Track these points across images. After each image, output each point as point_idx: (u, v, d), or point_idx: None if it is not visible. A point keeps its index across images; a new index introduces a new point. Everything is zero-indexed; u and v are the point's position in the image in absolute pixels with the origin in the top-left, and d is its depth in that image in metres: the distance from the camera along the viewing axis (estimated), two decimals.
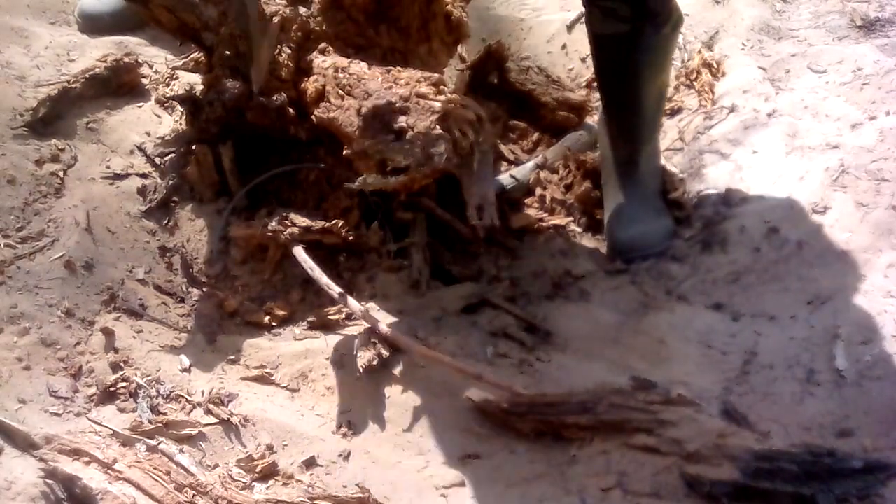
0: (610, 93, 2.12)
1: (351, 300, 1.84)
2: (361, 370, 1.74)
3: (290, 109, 2.01)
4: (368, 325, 1.79)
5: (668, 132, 2.33)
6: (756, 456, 1.43)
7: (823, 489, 1.36)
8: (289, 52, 2.02)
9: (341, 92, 1.93)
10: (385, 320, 1.87)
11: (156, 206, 2.06)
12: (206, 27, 2.03)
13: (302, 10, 2.05)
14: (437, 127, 1.78)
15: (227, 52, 2.03)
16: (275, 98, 2.01)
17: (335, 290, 1.84)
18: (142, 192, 2.08)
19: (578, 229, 2.16)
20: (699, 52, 2.42)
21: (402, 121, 1.81)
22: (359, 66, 1.94)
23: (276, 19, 2.02)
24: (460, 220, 2.04)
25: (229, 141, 2.09)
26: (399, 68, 1.93)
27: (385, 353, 1.77)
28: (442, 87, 1.86)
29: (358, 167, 1.91)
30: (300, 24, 2.03)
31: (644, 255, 2.05)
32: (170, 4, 2.00)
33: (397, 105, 1.83)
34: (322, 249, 1.98)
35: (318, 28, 2.04)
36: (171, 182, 2.10)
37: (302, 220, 1.97)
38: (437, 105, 1.81)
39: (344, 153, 1.91)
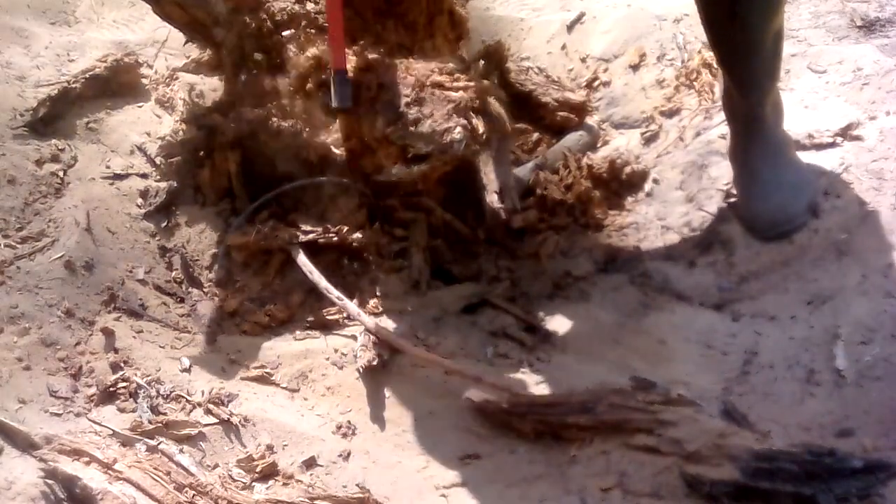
0: (721, 43, 1.93)
1: (349, 303, 1.84)
2: (361, 370, 1.75)
3: (305, 133, 2.01)
4: (367, 327, 1.80)
5: (669, 132, 2.33)
6: (756, 456, 1.43)
7: (823, 489, 1.36)
8: (295, 49, 2.03)
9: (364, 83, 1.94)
10: (385, 321, 1.87)
11: (156, 210, 2.06)
12: (217, 22, 2.03)
13: (310, 6, 2.05)
14: (455, 115, 1.79)
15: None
16: (291, 124, 2.01)
17: (334, 293, 1.85)
18: (143, 195, 2.08)
19: (578, 229, 2.15)
20: (699, 52, 2.42)
21: (418, 111, 1.82)
22: (373, 58, 1.95)
23: (285, 14, 2.03)
24: (461, 220, 2.05)
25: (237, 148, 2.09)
26: (412, 59, 1.93)
27: (384, 353, 1.77)
28: (458, 74, 1.87)
29: (377, 158, 1.91)
30: (309, 20, 2.03)
31: (787, 230, 1.93)
32: (181, 0, 2.01)
33: (414, 95, 1.84)
34: (325, 253, 1.98)
35: (326, 24, 2.04)
36: (173, 186, 2.10)
37: (305, 226, 1.97)
38: (455, 95, 1.82)
39: (365, 140, 1.91)
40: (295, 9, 2.03)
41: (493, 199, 1.84)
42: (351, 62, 1.90)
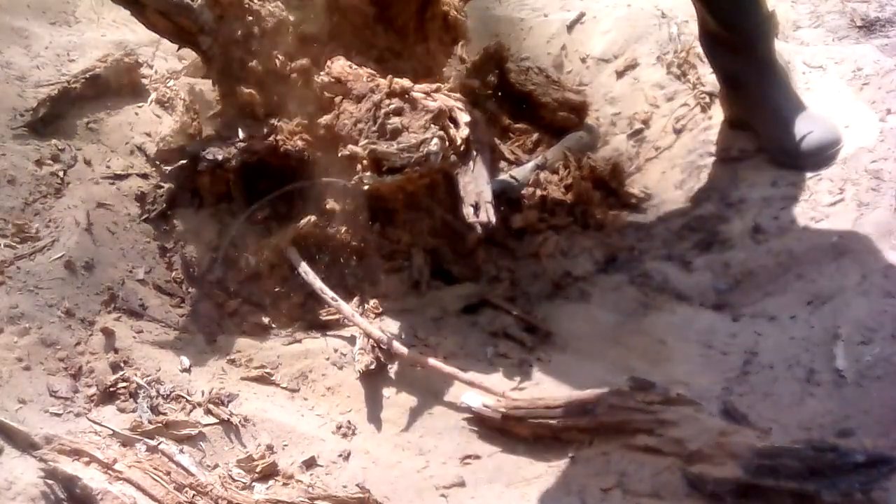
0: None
1: (343, 304, 1.83)
2: (359, 374, 1.74)
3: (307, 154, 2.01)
4: (361, 328, 1.79)
5: (667, 132, 2.33)
6: (758, 453, 1.43)
7: (827, 484, 1.36)
8: (282, 57, 2.02)
9: (334, 95, 1.93)
10: (384, 322, 1.87)
11: (155, 215, 2.05)
12: (203, 31, 2.02)
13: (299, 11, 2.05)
14: (432, 126, 1.79)
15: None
16: (296, 143, 2.00)
17: (328, 294, 1.84)
18: (140, 199, 2.06)
19: (578, 229, 2.15)
20: (699, 52, 2.42)
21: (397, 121, 1.81)
22: (352, 69, 1.94)
23: (272, 21, 2.02)
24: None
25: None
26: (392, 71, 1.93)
27: (382, 357, 1.77)
28: (437, 86, 1.87)
29: (354, 168, 1.90)
30: (296, 26, 2.02)
31: (835, 152, 2.05)
32: (165, 9, 2.00)
33: (391, 106, 1.83)
34: (325, 253, 1.98)
35: (314, 30, 2.03)
36: (171, 190, 2.09)
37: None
38: (432, 105, 1.81)
39: (339, 154, 1.90)
40: (283, 15, 2.02)
41: (468, 212, 1.81)
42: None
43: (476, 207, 1.79)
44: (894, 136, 2.04)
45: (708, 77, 2.34)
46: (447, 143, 1.81)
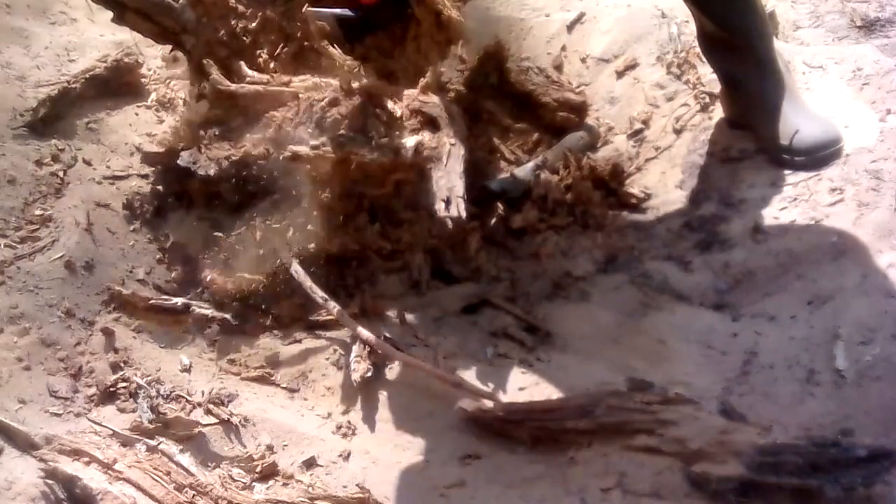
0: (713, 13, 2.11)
1: (335, 305, 1.83)
2: (357, 382, 1.74)
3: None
4: (358, 333, 1.79)
5: (667, 131, 2.33)
6: (760, 450, 1.43)
7: (829, 480, 1.36)
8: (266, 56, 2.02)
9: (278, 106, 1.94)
10: (382, 323, 1.87)
11: (149, 216, 2.04)
12: (185, 30, 2.02)
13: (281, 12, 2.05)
14: (407, 120, 1.79)
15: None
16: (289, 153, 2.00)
17: (318, 293, 1.83)
18: (129, 206, 2.04)
19: (578, 229, 2.15)
20: (699, 51, 2.42)
21: (373, 118, 1.82)
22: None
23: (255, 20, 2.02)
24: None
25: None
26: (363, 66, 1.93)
27: (380, 362, 1.76)
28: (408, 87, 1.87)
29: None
30: (279, 25, 2.02)
31: (836, 150, 2.05)
32: (146, 9, 1.99)
33: (366, 102, 1.83)
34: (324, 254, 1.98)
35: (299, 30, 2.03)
36: (162, 192, 2.08)
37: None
38: (406, 101, 1.81)
39: (302, 153, 1.90)
40: (267, 14, 2.02)
41: (439, 207, 1.80)
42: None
43: (447, 202, 1.79)
44: (894, 136, 2.04)
45: (708, 77, 2.34)
46: (421, 138, 1.81)
